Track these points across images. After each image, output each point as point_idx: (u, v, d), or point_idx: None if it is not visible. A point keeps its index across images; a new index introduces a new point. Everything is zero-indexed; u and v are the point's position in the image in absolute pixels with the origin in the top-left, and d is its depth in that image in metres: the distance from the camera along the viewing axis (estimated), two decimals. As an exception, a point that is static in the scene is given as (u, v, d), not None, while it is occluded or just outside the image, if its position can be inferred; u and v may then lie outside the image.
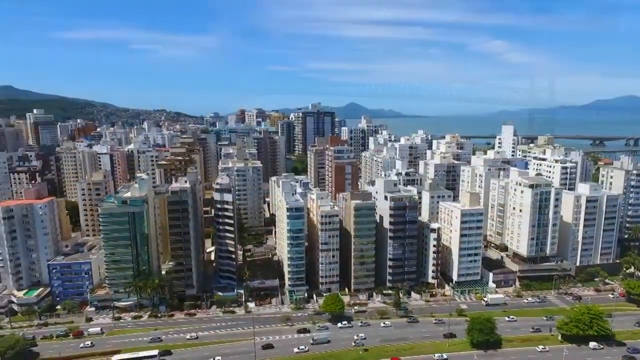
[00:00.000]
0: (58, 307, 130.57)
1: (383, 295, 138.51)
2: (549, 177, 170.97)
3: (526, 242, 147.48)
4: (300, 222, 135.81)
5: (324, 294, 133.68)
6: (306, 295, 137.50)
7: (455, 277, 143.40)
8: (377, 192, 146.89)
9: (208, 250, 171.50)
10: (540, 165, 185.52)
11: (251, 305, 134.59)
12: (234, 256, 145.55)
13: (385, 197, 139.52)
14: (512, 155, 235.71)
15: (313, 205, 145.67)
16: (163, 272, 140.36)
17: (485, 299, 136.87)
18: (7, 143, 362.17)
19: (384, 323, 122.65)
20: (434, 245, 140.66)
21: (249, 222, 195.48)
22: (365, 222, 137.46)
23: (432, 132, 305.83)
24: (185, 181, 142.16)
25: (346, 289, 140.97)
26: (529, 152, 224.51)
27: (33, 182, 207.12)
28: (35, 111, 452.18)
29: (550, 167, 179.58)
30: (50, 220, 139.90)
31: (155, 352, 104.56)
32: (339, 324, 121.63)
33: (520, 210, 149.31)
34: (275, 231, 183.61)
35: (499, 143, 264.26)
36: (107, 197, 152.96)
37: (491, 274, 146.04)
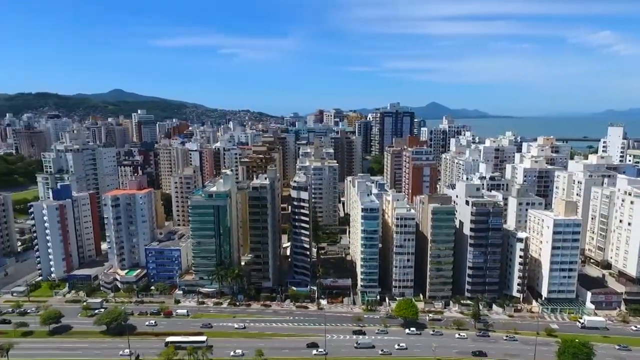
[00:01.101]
0: (152, 287, 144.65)
1: (461, 305, 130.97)
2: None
3: (636, 260, 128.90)
4: (375, 223, 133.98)
5: (397, 298, 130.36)
6: (378, 297, 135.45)
7: (544, 293, 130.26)
8: (457, 197, 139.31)
9: (284, 246, 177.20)
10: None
11: (323, 302, 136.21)
12: (308, 253, 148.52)
13: (467, 202, 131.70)
14: (620, 160, 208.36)
15: (388, 207, 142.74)
16: (242, 264, 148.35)
17: (581, 320, 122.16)
18: (116, 140, 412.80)
19: (458, 334, 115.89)
20: (521, 256, 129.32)
21: (324, 221, 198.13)
22: (443, 227, 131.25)
23: (521, 134, 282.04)
24: (265, 178, 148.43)
25: (420, 295, 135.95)
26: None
27: (135, 174, 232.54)
28: (139, 112, 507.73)
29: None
30: (148, 210, 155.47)
31: (204, 337, 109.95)
32: (407, 330, 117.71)
33: (629, 224, 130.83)
34: (349, 231, 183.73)
35: (604, 147, 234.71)
36: (195, 191, 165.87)
37: (589, 293, 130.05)
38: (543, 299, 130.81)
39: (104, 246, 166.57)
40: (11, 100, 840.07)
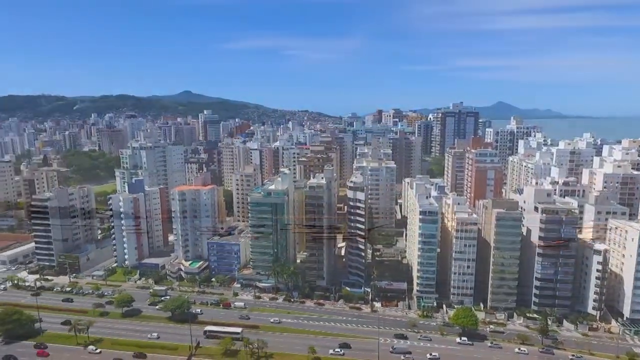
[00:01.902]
0: (213, 279, 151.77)
1: (526, 318, 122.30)
2: None
3: None
4: (434, 227, 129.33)
5: (455, 306, 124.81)
6: (435, 304, 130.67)
7: (626, 313, 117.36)
8: (524, 202, 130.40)
9: (339, 246, 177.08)
10: None
11: (377, 304, 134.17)
12: (363, 254, 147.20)
13: (535, 208, 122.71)
14: None
15: (448, 211, 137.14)
16: (298, 261, 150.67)
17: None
18: (184, 138, 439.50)
19: (518, 349, 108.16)
20: (598, 270, 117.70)
21: (380, 222, 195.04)
22: (508, 234, 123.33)
23: (601, 136, 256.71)
24: (322, 178, 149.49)
25: (481, 305, 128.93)
26: None
27: (200, 171, 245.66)
28: (205, 112, 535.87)
29: None
30: (211, 205, 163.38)
31: (239, 329, 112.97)
32: (457, 339, 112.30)
33: None
34: (406, 234, 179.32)
35: None
36: (255, 188, 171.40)
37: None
38: (625, 319, 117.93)
39: (170, 238, 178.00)
40: (95, 102, 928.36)
